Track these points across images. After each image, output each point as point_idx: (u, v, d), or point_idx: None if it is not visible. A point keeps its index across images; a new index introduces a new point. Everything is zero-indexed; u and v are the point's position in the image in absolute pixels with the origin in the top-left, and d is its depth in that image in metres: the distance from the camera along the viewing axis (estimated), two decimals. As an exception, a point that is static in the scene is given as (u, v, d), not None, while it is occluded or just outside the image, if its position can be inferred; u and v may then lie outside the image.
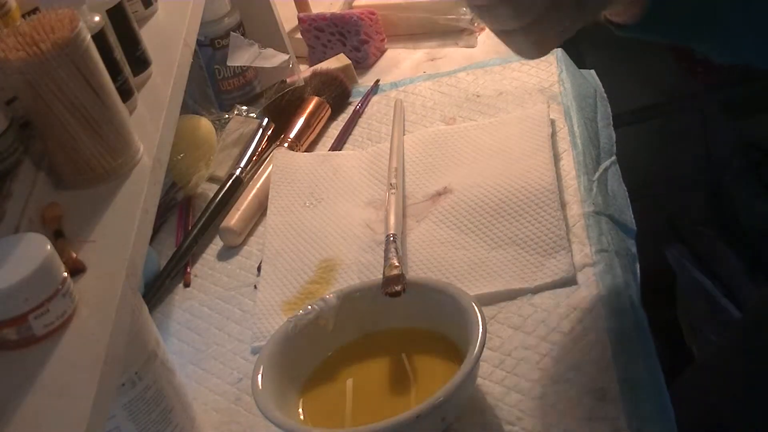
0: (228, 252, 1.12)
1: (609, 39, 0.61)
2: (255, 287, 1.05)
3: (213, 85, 1.35)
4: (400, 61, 1.38)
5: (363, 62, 1.38)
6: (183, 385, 0.84)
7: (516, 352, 0.87)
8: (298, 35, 1.42)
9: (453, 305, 0.84)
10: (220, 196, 1.17)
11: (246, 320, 1.01)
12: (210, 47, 1.31)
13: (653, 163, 1.64)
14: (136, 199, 0.79)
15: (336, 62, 1.35)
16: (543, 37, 0.62)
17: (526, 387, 0.83)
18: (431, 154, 1.13)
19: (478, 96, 1.22)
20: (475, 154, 1.10)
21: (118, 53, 0.91)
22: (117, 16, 0.93)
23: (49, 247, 0.67)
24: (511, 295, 0.92)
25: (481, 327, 0.80)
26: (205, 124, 1.25)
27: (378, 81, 1.33)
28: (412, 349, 0.88)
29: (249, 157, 1.22)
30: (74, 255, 0.73)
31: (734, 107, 1.69)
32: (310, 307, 0.89)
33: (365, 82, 1.35)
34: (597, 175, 1.04)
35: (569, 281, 0.92)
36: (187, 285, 1.09)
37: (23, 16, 0.87)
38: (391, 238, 0.96)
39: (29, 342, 0.66)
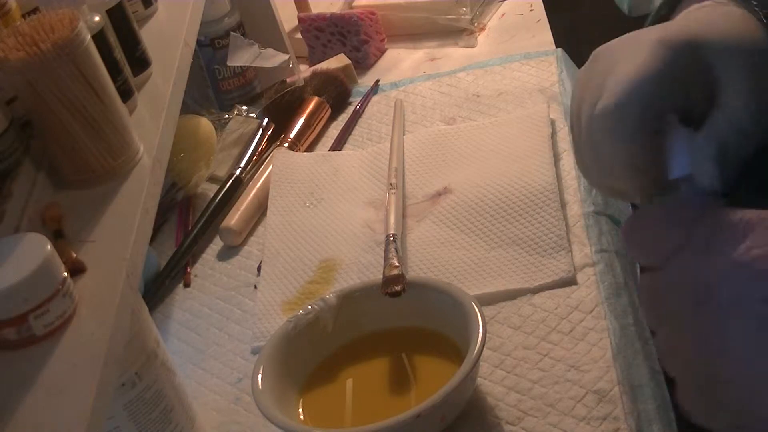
0: (228, 252, 1.12)
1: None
2: (255, 287, 1.05)
3: (213, 85, 1.35)
4: (400, 61, 1.38)
5: (363, 62, 1.38)
6: (183, 385, 0.84)
7: (516, 352, 0.87)
8: (298, 35, 1.42)
9: (453, 305, 0.85)
10: (220, 196, 1.17)
11: (246, 320, 1.01)
12: (210, 47, 1.31)
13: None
14: (136, 199, 0.79)
15: (336, 62, 1.35)
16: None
17: (526, 387, 0.83)
18: (431, 154, 1.13)
19: (478, 96, 1.22)
20: (475, 154, 1.10)
21: (118, 53, 0.91)
22: (117, 16, 0.93)
23: (49, 247, 0.67)
24: (511, 295, 0.92)
25: (481, 327, 0.80)
26: (205, 124, 1.25)
27: (378, 81, 1.33)
28: (412, 349, 0.88)
29: (249, 157, 1.22)
30: (74, 255, 0.73)
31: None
32: (310, 307, 0.89)
33: (365, 82, 1.35)
34: (597, 175, 1.04)
35: (569, 281, 0.92)
36: (187, 285, 1.09)
37: (23, 16, 0.87)
38: (391, 238, 0.96)
39: (29, 342, 0.66)
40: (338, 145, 1.23)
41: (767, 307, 0.48)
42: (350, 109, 1.29)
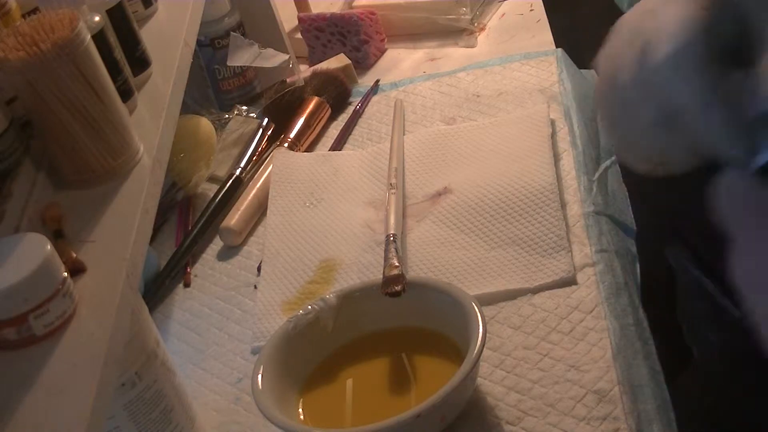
0: (228, 252, 1.12)
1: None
2: (255, 287, 1.05)
3: (213, 85, 1.35)
4: (400, 61, 1.38)
5: (363, 62, 1.38)
6: (183, 385, 0.84)
7: (516, 352, 0.87)
8: (298, 35, 1.42)
9: (453, 305, 0.85)
10: (220, 196, 1.17)
11: (246, 320, 1.01)
12: (210, 47, 1.31)
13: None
14: (136, 199, 0.79)
15: (336, 62, 1.35)
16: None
17: (526, 387, 0.83)
18: (431, 154, 1.13)
19: (478, 96, 1.22)
20: (475, 154, 1.10)
21: (118, 53, 0.91)
22: (117, 16, 0.93)
23: (49, 247, 0.67)
24: (511, 295, 0.92)
25: (481, 327, 0.80)
26: (205, 124, 1.25)
27: (378, 81, 1.33)
28: (412, 349, 0.88)
29: (249, 157, 1.22)
30: (74, 255, 0.73)
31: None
32: (310, 307, 0.89)
33: (365, 82, 1.35)
34: (597, 175, 1.05)
35: (569, 281, 0.92)
36: (187, 285, 1.09)
37: (23, 16, 0.87)
38: (391, 238, 0.96)
39: (29, 342, 0.66)
40: (338, 145, 1.23)
41: None
42: (350, 109, 1.29)
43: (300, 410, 0.85)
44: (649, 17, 0.55)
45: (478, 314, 0.82)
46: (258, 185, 1.16)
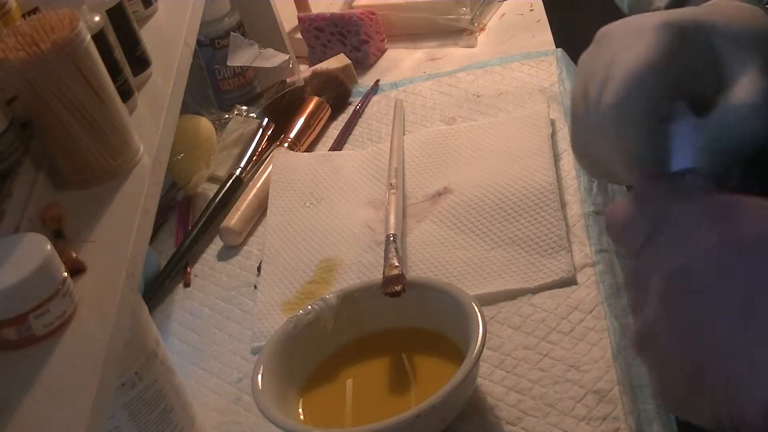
0: (228, 252, 1.12)
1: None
2: (255, 287, 1.05)
3: (213, 85, 1.35)
4: (400, 61, 1.38)
5: (363, 62, 1.38)
6: (183, 385, 0.84)
7: (516, 352, 0.87)
8: (298, 35, 1.42)
9: (453, 305, 0.85)
10: (220, 196, 1.17)
11: (246, 320, 1.01)
12: (210, 47, 1.31)
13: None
14: (136, 199, 0.79)
15: (336, 62, 1.35)
16: None
17: (526, 387, 0.83)
18: (431, 154, 1.13)
19: (478, 96, 1.22)
20: (475, 154, 1.10)
21: (118, 53, 0.91)
22: (117, 16, 0.93)
23: (49, 247, 0.67)
24: (511, 295, 0.92)
25: (481, 327, 0.80)
26: (205, 124, 1.25)
27: (378, 81, 1.33)
28: (412, 349, 0.88)
29: (249, 157, 1.22)
30: (74, 255, 0.73)
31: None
32: (310, 307, 0.89)
33: (365, 82, 1.35)
34: (597, 175, 1.04)
35: (569, 281, 0.92)
36: (187, 285, 1.09)
37: (23, 16, 0.87)
38: (391, 238, 0.97)
39: (29, 342, 0.66)
40: (338, 145, 1.23)
41: (750, 291, 0.46)
42: (350, 109, 1.29)
43: (300, 410, 0.85)
44: (617, 46, 0.55)
45: (478, 314, 0.82)
46: (258, 185, 1.16)
